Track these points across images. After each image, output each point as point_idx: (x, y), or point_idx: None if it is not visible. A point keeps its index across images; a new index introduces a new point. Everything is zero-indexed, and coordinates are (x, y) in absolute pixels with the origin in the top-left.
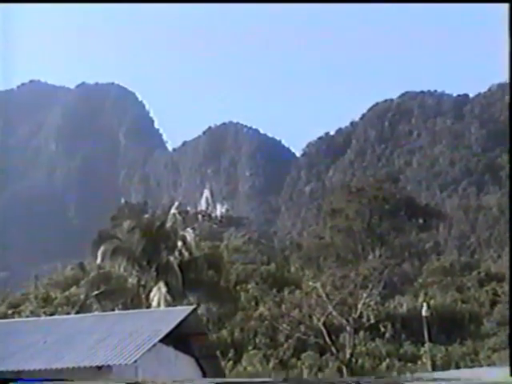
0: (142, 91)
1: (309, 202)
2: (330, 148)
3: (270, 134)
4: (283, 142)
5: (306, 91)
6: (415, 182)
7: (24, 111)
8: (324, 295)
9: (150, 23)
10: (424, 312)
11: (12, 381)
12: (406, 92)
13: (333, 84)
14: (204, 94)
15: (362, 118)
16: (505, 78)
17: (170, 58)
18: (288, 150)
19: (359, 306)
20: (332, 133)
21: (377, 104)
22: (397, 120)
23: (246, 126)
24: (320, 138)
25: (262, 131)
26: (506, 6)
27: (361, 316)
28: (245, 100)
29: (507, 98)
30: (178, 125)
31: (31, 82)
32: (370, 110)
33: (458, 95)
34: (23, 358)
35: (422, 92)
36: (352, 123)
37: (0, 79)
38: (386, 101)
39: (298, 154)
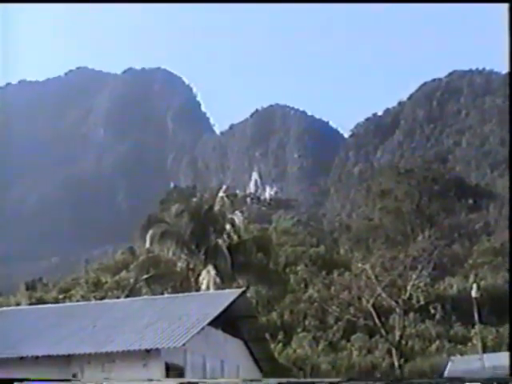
0: (188, 75)
1: (357, 184)
2: (378, 129)
3: (317, 116)
4: (331, 123)
5: (353, 72)
6: (464, 161)
7: (72, 97)
8: (373, 277)
9: (196, 7)
10: (474, 293)
11: (18, 381)
12: (454, 71)
13: (380, 64)
14: (251, 76)
15: (409, 98)
16: None
17: (217, 42)
18: (336, 131)
19: (409, 287)
20: (380, 113)
21: (425, 83)
22: (445, 99)
23: (293, 108)
24: (368, 119)
25: (309, 113)
26: (505, 6)
27: (410, 297)
28: (292, 82)
29: None
30: (226, 108)
31: (78, 68)
32: (418, 89)
33: (507, 73)
34: (74, 342)
35: (471, 70)
36: (400, 103)
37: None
38: (434, 80)
39: (346, 135)
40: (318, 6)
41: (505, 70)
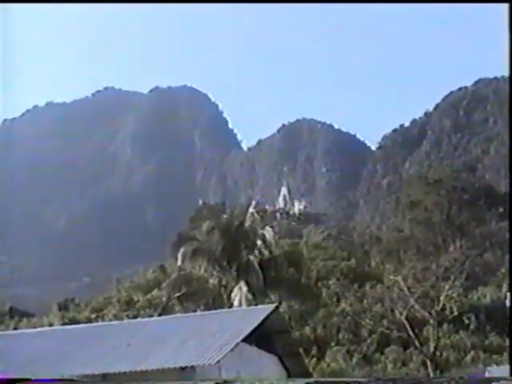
0: (214, 92)
1: (386, 195)
2: (406, 140)
3: (344, 129)
4: (358, 135)
5: (379, 84)
6: (493, 170)
7: (99, 118)
8: (406, 289)
9: (219, 24)
10: (508, 302)
11: (21, 380)
12: (480, 79)
13: (405, 75)
14: (276, 91)
15: (436, 109)
16: None
17: (242, 58)
18: (363, 143)
19: (442, 298)
20: (407, 124)
21: (451, 93)
22: (472, 108)
23: (320, 122)
24: (395, 131)
25: (336, 126)
26: (505, 6)
27: (444, 308)
28: (318, 96)
29: None
30: (252, 124)
31: (105, 89)
32: (444, 99)
33: None
34: (108, 361)
35: (496, 78)
36: (426, 114)
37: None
38: (460, 89)
39: (373, 148)
40: (341, 18)
41: None
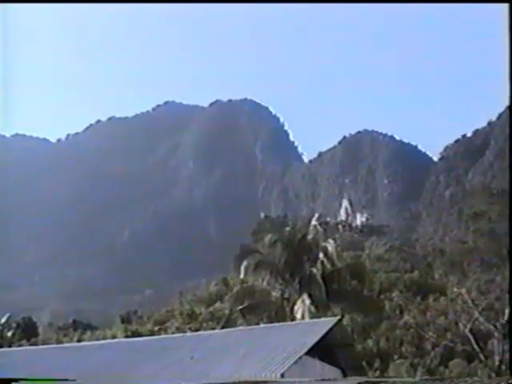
0: (275, 105)
1: (449, 207)
2: (468, 150)
3: (405, 140)
4: (420, 147)
5: (438, 94)
6: None
7: (161, 132)
8: (470, 301)
9: (280, 36)
10: None
11: (13, 381)
12: None
13: (468, 85)
14: (337, 104)
15: (499, 118)
16: None
17: (302, 70)
18: (425, 154)
19: (507, 310)
20: (469, 134)
21: None
22: None
23: (381, 134)
24: (457, 141)
25: (397, 137)
26: (505, 6)
27: (509, 321)
28: (379, 108)
29: None
30: (313, 136)
31: (166, 103)
32: (508, 107)
33: None
34: (172, 374)
35: None
36: (489, 123)
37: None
38: None
39: (435, 159)
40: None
41: None
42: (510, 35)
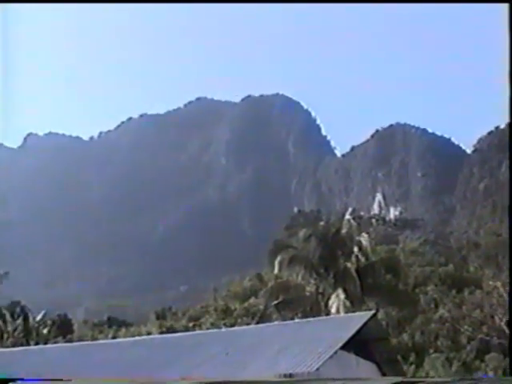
0: (307, 100)
1: (483, 200)
2: (502, 142)
3: (438, 133)
4: (453, 139)
5: (473, 86)
6: None
7: (193, 128)
8: (505, 294)
9: (311, 31)
10: None
11: (11, 381)
12: None
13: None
14: (369, 97)
15: None
16: None
17: (332, 64)
18: (458, 147)
19: None
20: (503, 126)
21: None
22: None
23: (414, 127)
24: (490, 133)
25: (430, 130)
26: (505, 6)
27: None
28: (411, 100)
29: None
30: (346, 130)
31: (198, 99)
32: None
33: None
34: (207, 369)
35: None
36: None
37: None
38: None
39: (468, 151)
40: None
41: None
42: (510, 35)
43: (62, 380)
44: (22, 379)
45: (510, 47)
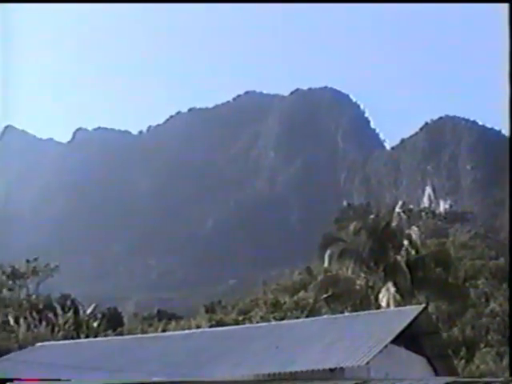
0: (355, 93)
1: None
2: None
3: (488, 125)
4: (503, 131)
5: None
6: None
7: (242, 121)
8: None
9: (359, 24)
10: None
11: (9, 380)
12: None
13: None
14: (418, 89)
15: None
16: None
17: (381, 57)
18: (509, 139)
19: None
20: None
21: None
22: None
23: (463, 119)
24: None
25: (480, 122)
26: (505, 6)
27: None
28: (460, 93)
29: None
30: (395, 123)
31: (246, 93)
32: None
33: None
34: (258, 363)
35: None
36: None
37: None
38: None
39: None
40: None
41: None
42: (510, 35)
43: (59, 380)
44: (18, 379)
45: (510, 47)
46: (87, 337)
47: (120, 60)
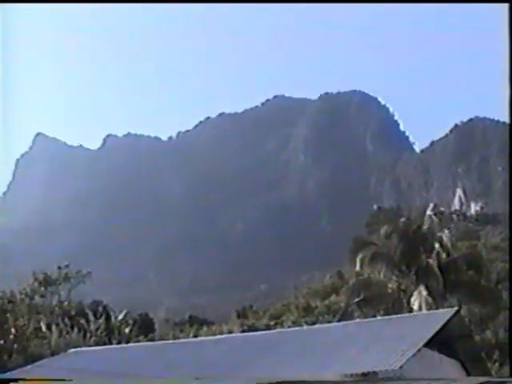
0: (384, 96)
1: None
2: None
3: None
4: None
5: None
6: None
7: (271, 125)
8: None
9: (384, 27)
10: None
11: (12, 381)
12: None
13: None
14: (447, 91)
15: None
16: None
17: (409, 59)
18: None
19: None
20: None
21: None
22: None
23: (493, 120)
24: None
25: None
26: (505, 5)
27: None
28: (490, 94)
29: None
30: (424, 125)
31: (275, 97)
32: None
33: None
34: (289, 367)
35: None
36: None
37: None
38: None
39: None
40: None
41: None
42: (510, 35)
43: (64, 380)
44: (23, 380)
45: (510, 47)
46: (119, 343)
47: (147, 66)
